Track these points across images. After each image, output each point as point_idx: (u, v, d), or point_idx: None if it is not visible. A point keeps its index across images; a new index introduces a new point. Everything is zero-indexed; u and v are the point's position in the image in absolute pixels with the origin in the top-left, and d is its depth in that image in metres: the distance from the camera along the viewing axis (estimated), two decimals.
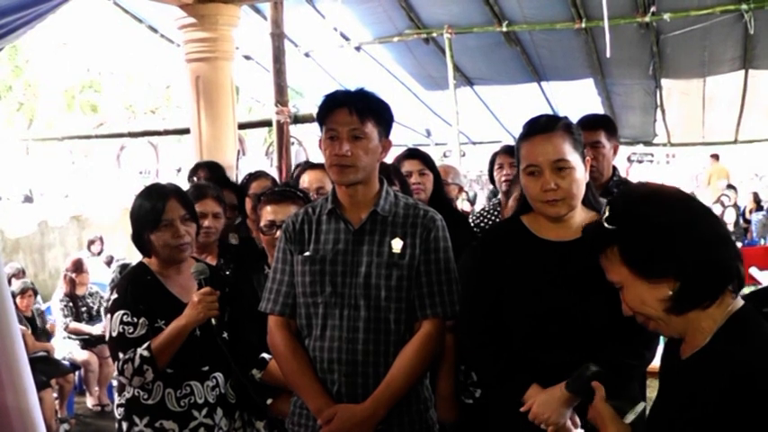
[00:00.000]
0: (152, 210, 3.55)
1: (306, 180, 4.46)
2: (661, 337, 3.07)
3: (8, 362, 3.32)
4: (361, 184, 3.11)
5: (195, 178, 5.34)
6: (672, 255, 1.90)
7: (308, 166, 4.80)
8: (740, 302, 1.96)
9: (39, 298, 9.99)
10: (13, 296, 8.47)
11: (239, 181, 5.53)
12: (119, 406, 3.62)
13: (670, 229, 1.91)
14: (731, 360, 1.84)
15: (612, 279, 2.03)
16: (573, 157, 2.90)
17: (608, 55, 9.60)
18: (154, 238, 3.54)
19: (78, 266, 9.46)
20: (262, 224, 3.87)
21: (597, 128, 4.62)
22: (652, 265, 1.92)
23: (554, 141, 2.90)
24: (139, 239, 3.61)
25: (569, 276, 2.86)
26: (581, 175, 2.92)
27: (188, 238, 3.58)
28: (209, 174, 5.44)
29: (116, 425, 3.65)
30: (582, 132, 4.55)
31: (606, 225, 1.98)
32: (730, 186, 16.53)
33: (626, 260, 1.95)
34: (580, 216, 2.97)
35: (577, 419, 2.82)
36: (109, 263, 12.12)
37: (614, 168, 4.68)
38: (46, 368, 7.98)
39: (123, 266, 8.05)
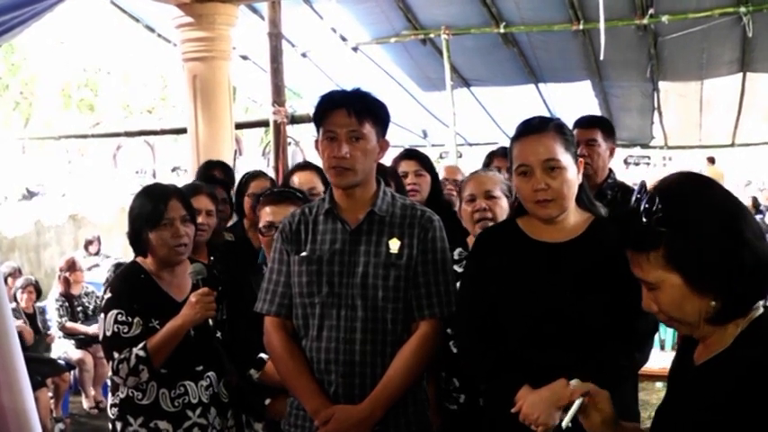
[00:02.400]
0: (154, 208, 3.55)
1: (296, 182, 4.44)
2: (656, 340, 3.07)
3: (4, 362, 3.31)
4: (359, 185, 3.11)
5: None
6: (725, 269, 1.82)
7: (297, 167, 4.80)
8: (761, 308, 1.92)
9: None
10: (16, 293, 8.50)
11: (237, 181, 5.53)
12: (112, 406, 3.62)
13: (725, 243, 1.82)
14: (752, 364, 1.80)
15: (645, 278, 1.93)
16: (564, 157, 2.89)
17: (601, 57, 9.58)
18: (153, 236, 3.54)
19: (72, 266, 9.44)
20: (261, 225, 3.87)
21: (593, 126, 4.64)
22: (703, 277, 1.84)
23: (545, 141, 2.89)
24: (137, 238, 3.60)
25: (563, 277, 2.87)
26: (573, 175, 2.91)
27: (186, 239, 3.58)
28: (223, 174, 5.47)
29: (110, 425, 3.64)
30: (578, 130, 4.59)
31: (655, 226, 1.88)
32: None
33: (676, 266, 1.86)
34: (574, 217, 2.97)
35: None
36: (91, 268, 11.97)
37: (610, 170, 4.68)
38: (41, 368, 7.96)
39: (118, 266, 8.06)
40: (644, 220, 1.89)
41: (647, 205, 1.90)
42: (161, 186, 3.81)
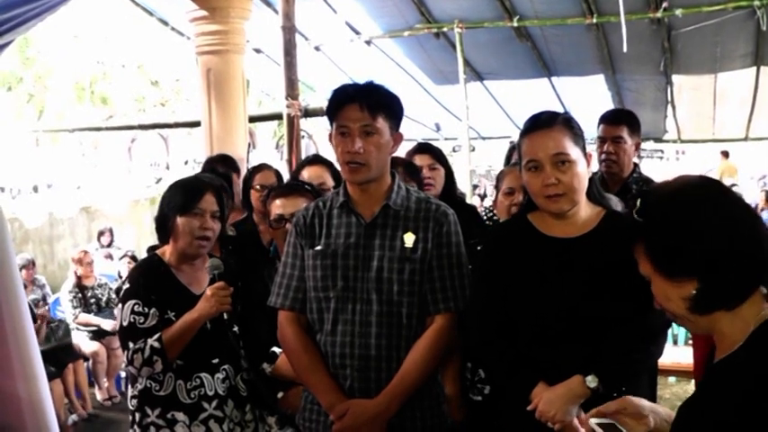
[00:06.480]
0: (188, 195, 3.60)
1: (305, 176, 4.44)
2: (669, 335, 3.07)
3: (20, 352, 3.33)
4: (374, 180, 3.11)
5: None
6: (693, 255, 1.82)
7: (306, 162, 4.81)
8: None
9: (48, 290, 10.06)
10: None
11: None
12: (132, 397, 3.66)
13: (693, 228, 1.82)
14: (757, 371, 1.76)
15: (642, 272, 1.95)
16: (573, 151, 2.89)
17: (624, 50, 9.55)
18: (180, 221, 3.56)
19: (80, 260, 9.48)
20: (271, 218, 3.88)
21: (620, 123, 4.60)
22: (673, 264, 1.85)
23: (554, 136, 2.90)
24: (164, 222, 3.63)
25: (575, 273, 2.86)
26: (582, 169, 2.91)
27: (211, 233, 3.60)
28: (226, 168, 5.49)
29: (129, 416, 3.68)
30: (604, 127, 4.56)
31: (636, 217, 1.93)
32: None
33: (649, 255, 1.89)
34: (585, 211, 2.97)
35: (584, 417, 2.82)
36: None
37: (635, 165, 4.65)
38: (55, 359, 7.98)
39: (134, 258, 8.09)
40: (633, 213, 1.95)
41: (637, 200, 1.96)
42: (200, 177, 3.87)
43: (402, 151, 4.10)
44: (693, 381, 5.61)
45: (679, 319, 1.94)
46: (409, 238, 3.08)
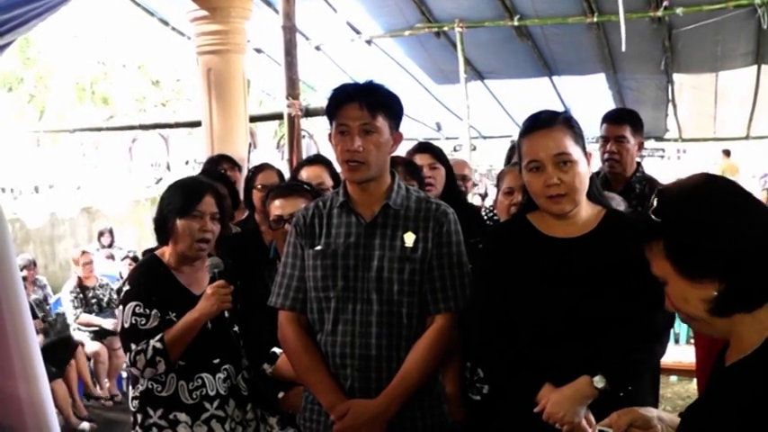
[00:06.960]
0: (187, 198, 3.58)
1: (304, 176, 4.43)
2: (671, 332, 3.06)
3: (21, 352, 3.33)
4: (373, 179, 3.10)
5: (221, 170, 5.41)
6: (716, 256, 1.77)
7: (305, 162, 4.81)
8: None
9: (49, 290, 10.05)
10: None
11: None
12: (134, 398, 3.65)
13: (716, 228, 1.77)
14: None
15: (656, 273, 1.90)
16: (574, 150, 2.88)
17: (623, 49, 9.56)
18: (180, 224, 3.55)
19: (83, 257, 9.48)
20: (270, 218, 3.87)
21: (622, 122, 4.58)
22: (695, 265, 1.80)
23: (554, 136, 2.88)
24: (163, 223, 3.62)
25: (577, 273, 2.85)
26: (584, 168, 2.90)
27: (210, 235, 3.59)
28: (227, 168, 5.50)
29: (131, 417, 3.68)
30: (607, 126, 4.54)
31: (653, 217, 1.87)
32: None
33: (669, 256, 1.83)
34: (586, 211, 2.96)
35: (592, 418, 2.81)
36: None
37: (638, 164, 4.63)
38: (56, 357, 7.96)
39: (135, 259, 8.08)
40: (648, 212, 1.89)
41: (652, 198, 1.91)
42: (200, 180, 3.86)
43: (402, 151, 4.09)
44: (695, 380, 5.61)
45: (696, 322, 1.90)
46: (409, 238, 3.07)
